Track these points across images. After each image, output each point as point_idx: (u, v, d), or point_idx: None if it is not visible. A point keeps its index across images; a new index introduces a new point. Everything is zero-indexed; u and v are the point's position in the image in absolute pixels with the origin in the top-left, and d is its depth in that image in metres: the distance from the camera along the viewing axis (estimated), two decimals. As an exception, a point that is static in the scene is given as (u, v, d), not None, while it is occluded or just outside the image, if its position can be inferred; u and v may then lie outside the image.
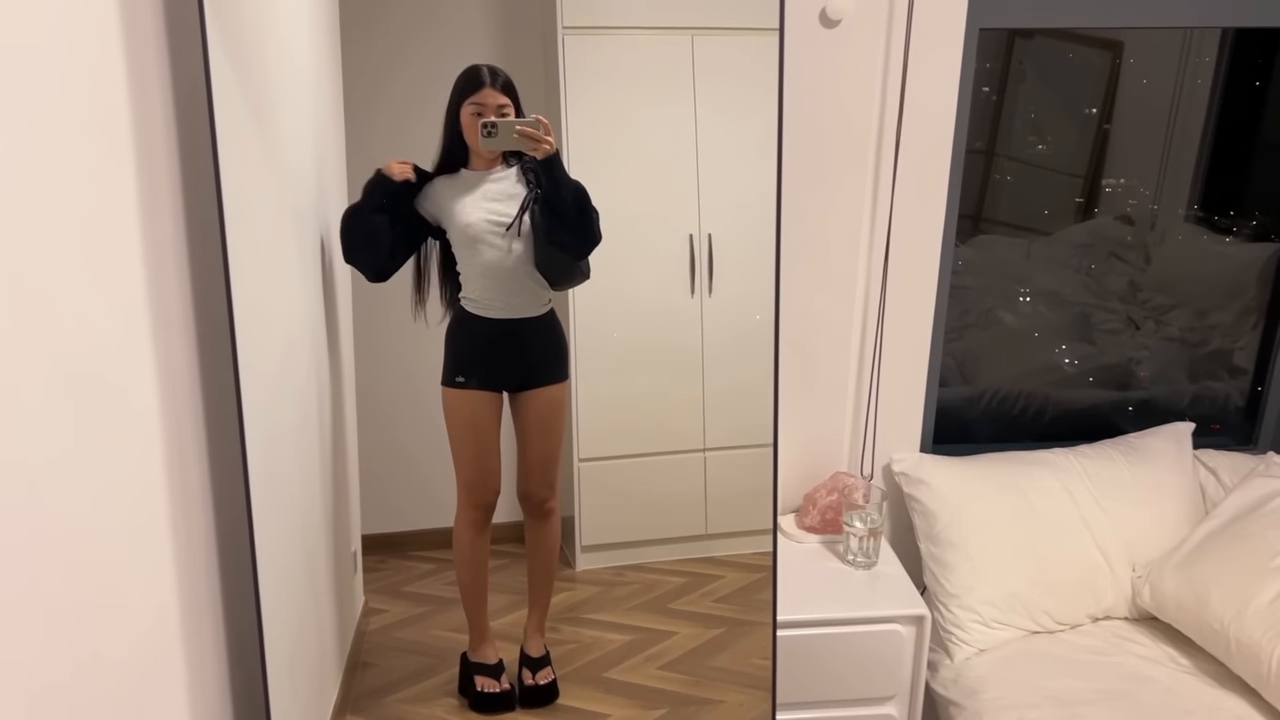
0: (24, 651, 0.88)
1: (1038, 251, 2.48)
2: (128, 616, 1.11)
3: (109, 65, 1.10)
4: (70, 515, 0.97)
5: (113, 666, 1.06)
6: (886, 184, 2.08)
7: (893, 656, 1.94)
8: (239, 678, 1.49)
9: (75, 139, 1.00)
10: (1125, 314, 2.49)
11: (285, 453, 1.55)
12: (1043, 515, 2.09)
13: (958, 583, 2.07)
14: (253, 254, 1.39)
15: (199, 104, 1.26)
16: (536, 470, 1.84)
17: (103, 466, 1.04)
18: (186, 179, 1.33)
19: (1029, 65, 2.30)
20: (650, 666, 1.91)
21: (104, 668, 1.04)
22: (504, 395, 1.81)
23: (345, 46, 1.74)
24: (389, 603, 1.96)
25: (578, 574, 1.98)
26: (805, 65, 1.98)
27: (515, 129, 1.61)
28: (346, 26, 1.73)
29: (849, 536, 2.07)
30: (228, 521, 1.45)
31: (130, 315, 1.13)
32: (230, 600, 1.47)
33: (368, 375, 1.89)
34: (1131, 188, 2.42)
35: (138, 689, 1.13)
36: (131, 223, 1.14)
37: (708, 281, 1.88)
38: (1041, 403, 2.51)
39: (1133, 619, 2.13)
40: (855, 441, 2.28)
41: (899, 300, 2.17)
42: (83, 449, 1.00)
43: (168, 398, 1.23)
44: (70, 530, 0.97)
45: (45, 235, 0.93)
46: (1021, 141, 2.39)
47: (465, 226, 1.70)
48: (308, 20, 1.71)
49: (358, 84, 1.75)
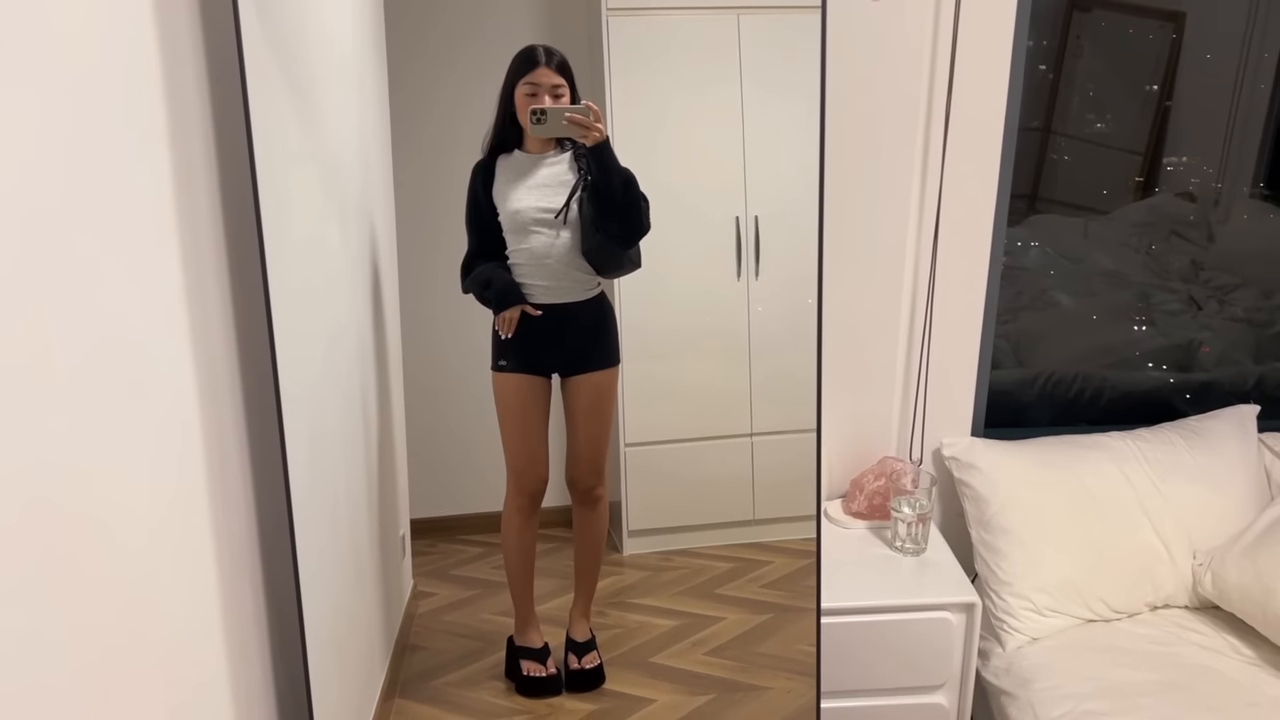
0: (63, 634, 0.89)
1: (1095, 230, 2.41)
2: (168, 599, 1.12)
3: (143, 47, 1.10)
4: (109, 501, 0.98)
5: (153, 647, 1.08)
6: (936, 161, 2.03)
7: (942, 645, 1.91)
8: (281, 661, 1.51)
9: (110, 126, 1.01)
10: (1187, 293, 2.42)
11: (329, 438, 1.56)
12: (1099, 500, 2.05)
13: (1010, 570, 2.03)
14: (292, 241, 1.40)
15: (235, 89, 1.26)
16: (584, 456, 1.84)
17: (141, 452, 1.05)
18: (223, 165, 1.33)
19: (1086, 40, 2.24)
20: (697, 652, 1.91)
21: (144, 650, 1.05)
22: (553, 380, 1.80)
23: (389, 31, 1.75)
24: (438, 586, 1.98)
25: (624, 559, 1.98)
26: (851, 40, 1.93)
27: (565, 115, 1.60)
28: (390, 11, 1.73)
29: (897, 522, 2.04)
30: (268, 506, 1.46)
31: (168, 302, 1.14)
32: (271, 583, 1.49)
33: (418, 360, 1.90)
34: (1194, 165, 2.34)
35: (178, 671, 1.14)
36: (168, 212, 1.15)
37: (754, 265, 1.86)
38: (1099, 385, 2.45)
39: (1193, 608, 2.08)
40: (904, 426, 2.24)
41: (949, 281, 2.12)
42: (119, 435, 1.01)
43: (206, 383, 1.24)
44: (109, 516, 0.98)
45: (79, 223, 0.94)
46: (1079, 119, 2.33)
47: (515, 213, 1.70)
48: (351, 6, 1.71)
49: (401, 68, 1.75)
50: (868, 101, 2.00)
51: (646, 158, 1.67)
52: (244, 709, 1.34)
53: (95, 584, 0.95)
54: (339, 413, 1.61)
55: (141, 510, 1.05)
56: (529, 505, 1.83)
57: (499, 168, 1.71)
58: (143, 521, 1.05)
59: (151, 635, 1.07)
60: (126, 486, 1.02)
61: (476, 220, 1.73)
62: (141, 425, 1.06)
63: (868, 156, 2.03)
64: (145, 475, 1.06)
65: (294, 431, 1.35)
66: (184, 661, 1.16)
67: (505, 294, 1.72)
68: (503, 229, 1.72)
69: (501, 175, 1.71)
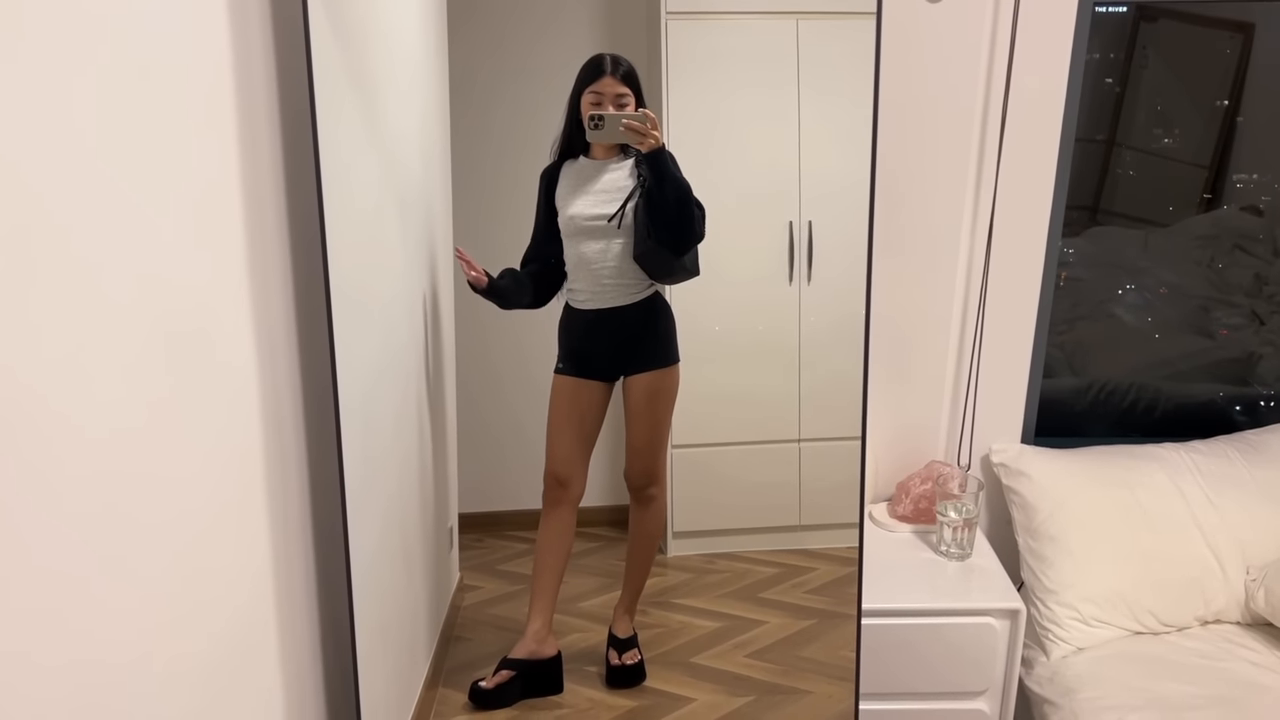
0: (122, 613, 0.92)
1: (1156, 243, 2.37)
2: (225, 583, 1.15)
3: (213, 34, 1.12)
4: (170, 483, 1.01)
5: (209, 631, 1.10)
6: (990, 169, 2.02)
7: (985, 650, 1.90)
8: (330, 644, 1.55)
9: (179, 107, 1.03)
10: (1249, 308, 2.37)
11: (383, 432, 1.59)
12: (1150, 512, 2.02)
13: (1057, 578, 2.01)
14: (352, 234, 1.42)
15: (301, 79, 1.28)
16: (638, 454, 1.86)
17: (200, 436, 1.08)
18: (288, 154, 1.36)
19: (1152, 51, 2.19)
20: (739, 654, 1.91)
21: (200, 633, 1.08)
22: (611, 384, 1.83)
23: (451, 31, 1.77)
24: (484, 579, 2.00)
25: (669, 559, 1.99)
26: (907, 46, 1.92)
27: (621, 123, 1.62)
28: (453, 11, 1.75)
29: (943, 526, 2.03)
30: (322, 498, 1.50)
31: (233, 296, 1.17)
32: (323, 570, 1.52)
33: (471, 357, 1.93)
34: (1262, 180, 2.28)
35: (231, 653, 1.17)
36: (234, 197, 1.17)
37: (807, 270, 1.86)
38: (1153, 396, 2.41)
39: (1245, 624, 2.05)
40: (952, 431, 2.23)
41: (1001, 288, 2.10)
42: (181, 417, 1.03)
43: (266, 371, 1.27)
44: (169, 497, 1.01)
45: (149, 198, 0.96)
46: (1143, 131, 2.29)
47: (571, 218, 1.73)
48: (415, 6, 1.74)
49: (462, 69, 1.77)
50: (923, 106, 1.98)
51: (702, 161, 1.68)
52: (294, 691, 1.38)
53: (151, 572, 0.98)
54: (393, 408, 1.64)
55: (199, 496, 1.08)
56: (562, 501, 1.85)
57: (563, 173, 1.74)
58: (201, 506, 1.08)
59: (207, 623, 1.10)
60: (186, 475, 1.05)
61: (538, 224, 1.77)
62: (204, 417, 1.08)
63: (922, 162, 2.02)
64: (204, 463, 1.09)
65: (350, 425, 1.38)
66: (236, 642, 1.19)
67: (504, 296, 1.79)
68: (562, 235, 1.76)
69: (565, 181, 1.74)
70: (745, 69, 1.78)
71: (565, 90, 1.69)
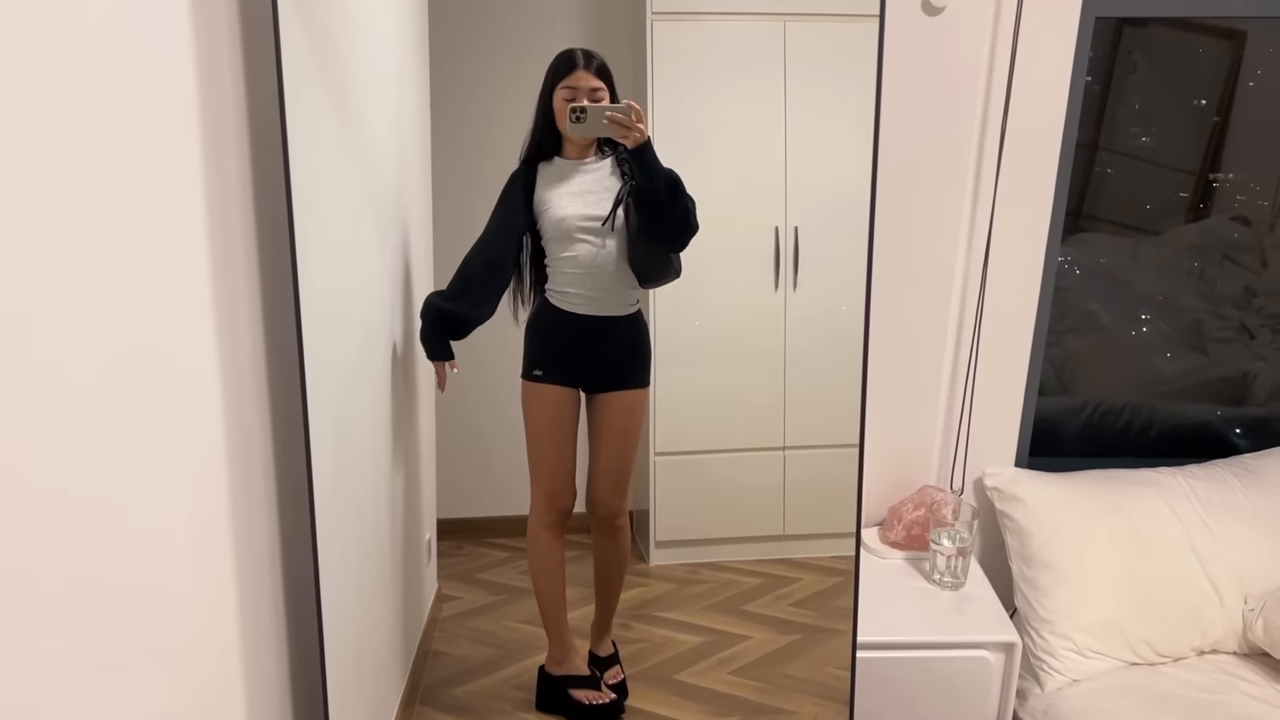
0: (77, 638, 0.88)
1: (1145, 252, 2.35)
2: (184, 600, 1.11)
3: (178, 47, 1.10)
4: (128, 502, 0.98)
5: (166, 648, 1.07)
6: (989, 180, 2.00)
7: (979, 686, 1.85)
8: (299, 666, 1.50)
9: (142, 125, 1.01)
10: (1239, 321, 2.34)
11: (356, 440, 1.55)
12: (1146, 539, 1.99)
13: (1051, 607, 1.97)
14: (325, 243, 1.39)
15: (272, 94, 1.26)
16: (608, 477, 1.79)
17: (165, 451, 1.05)
18: (257, 168, 1.33)
19: (1139, 55, 2.18)
20: (722, 671, 1.87)
21: (158, 652, 1.04)
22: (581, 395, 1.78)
23: (432, 35, 1.76)
24: (463, 590, 1.97)
25: (651, 569, 1.96)
26: (905, 54, 1.91)
27: (605, 115, 1.58)
28: (434, 14, 1.75)
29: (936, 555, 1.99)
30: (290, 509, 1.46)
31: (195, 300, 1.14)
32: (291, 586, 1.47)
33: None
34: (1242, 183, 2.25)
35: (191, 673, 1.13)
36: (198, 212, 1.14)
37: (792, 276, 1.84)
38: (1148, 416, 2.38)
39: (1242, 654, 2.01)
40: (945, 453, 2.19)
41: (998, 305, 2.08)
42: (142, 436, 1.00)
43: (231, 385, 1.23)
44: (128, 516, 0.98)
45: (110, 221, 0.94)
46: (1128, 135, 2.27)
47: (560, 221, 1.67)
48: (394, 6, 1.72)
49: (444, 70, 1.76)
50: (921, 119, 1.97)
51: (688, 165, 1.65)
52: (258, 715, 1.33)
53: (112, 584, 0.95)
54: (366, 416, 1.61)
55: (161, 509, 1.05)
56: (557, 521, 1.80)
57: (540, 175, 1.69)
58: (162, 520, 1.05)
59: (165, 636, 1.06)
60: (148, 486, 1.02)
61: (501, 227, 1.69)
62: (165, 424, 1.05)
63: (918, 173, 2.00)
64: (167, 473, 1.06)
65: (319, 432, 1.35)
66: (197, 665, 1.15)
67: (439, 348, 1.73)
68: (543, 237, 1.70)
69: (544, 182, 1.69)
70: (732, 71, 1.77)
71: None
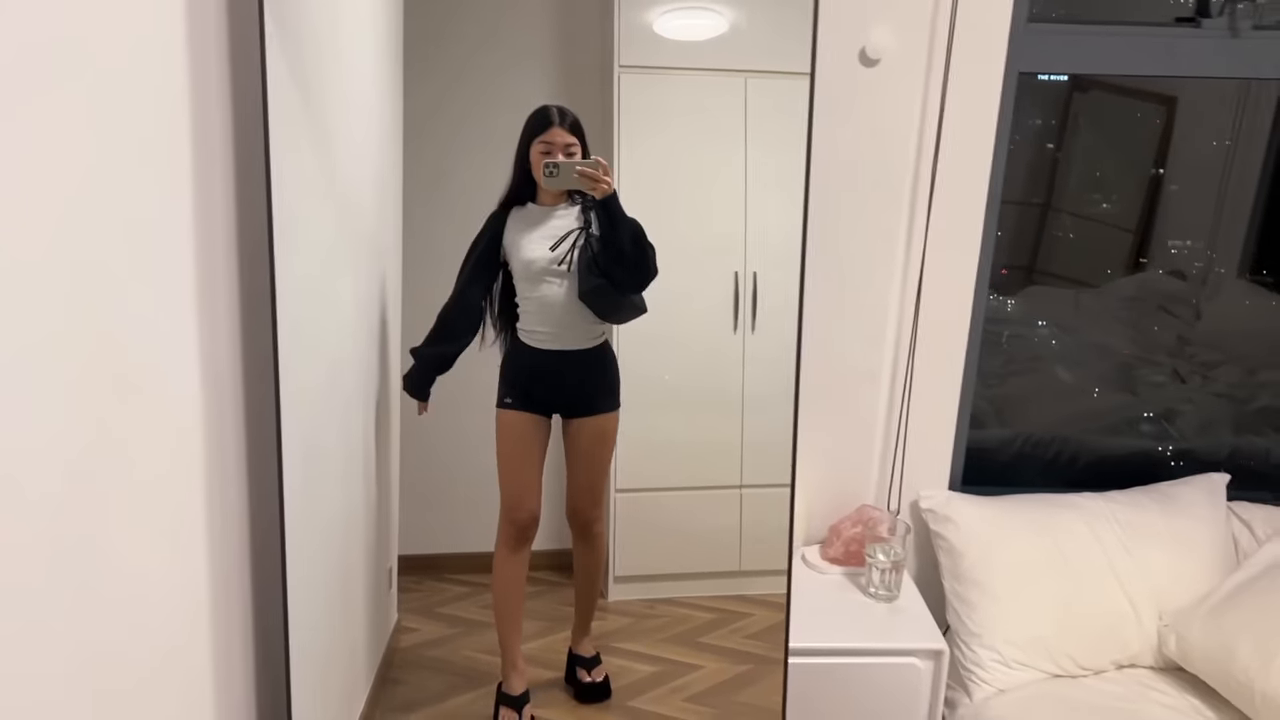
0: (45, 654, 0.89)
1: (1086, 303, 2.49)
2: (156, 616, 1.13)
3: (171, 79, 1.12)
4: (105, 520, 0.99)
5: (138, 665, 1.08)
6: (921, 226, 2.10)
7: (909, 691, 1.93)
8: (264, 682, 1.52)
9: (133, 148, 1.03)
10: (1171, 367, 2.50)
11: (327, 463, 1.58)
12: (1070, 559, 2.09)
13: (980, 621, 2.07)
14: (304, 274, 1.43)
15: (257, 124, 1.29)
16: (582, 492, 1.89)
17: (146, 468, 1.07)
18: (241, 199, 1.36)
19: (1084, 119, 2.32)
20: (676, 698, 1.92)
21: (128, 668, 1.06)
22: (551, 420, 1.85)
23: (406, 81, 1.79)
24: (422, 622, 1.98)
25: (610, 604, 2.00)
26: (843, 105, 2.00)
27: (575, 169, 1.68)
28: (409, 62, 1.77)
29: (871, 569, 2.08)
30: (262, 532, 1.48)
31: (178, 326, 1.16)
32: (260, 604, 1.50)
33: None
34: (1185, 245, 2.41)
35: (163, 688, 1.15)
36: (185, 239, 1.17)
37: (751, 319, 1.90)
38: (1076, 448, 2.51)
39: (1158, 668, 2.11)
40: (883, 476, 2.29)
41: (930, 342, 2.18)
42: (122, 456, 1.02)
43: (211, 408, 1.26)
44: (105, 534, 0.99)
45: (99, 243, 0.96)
46: (1076, 196, 2.41)
47: (528, 263, 1.76)
48: (372, 52, 1.75)
49: (417, 119, 1.79)
50: (858, 164, 2.06)
51: (651, 211, 1.72)
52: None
53: (85, 599, 0.95)
54: (336, 443, 1.63)
55: (137, 525, 1.06)
56: (517, 538, 1.85)
57: (511, 219, 1.78)
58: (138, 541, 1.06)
59: (136, 652, 1.08)
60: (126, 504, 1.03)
61: (477, 266, 1.78)
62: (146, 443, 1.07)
63: (855, 217, 2.09)
64: (146, 491, 1.07)
65: (291, 456, 1.38)
66: (168, 680, 1.17)
67: (423, 389, 1.82)
68: (514, 277, 1.78)
69: (514, 226, 1.77)
70: (695, 123, 1.83)
71: (518, 138, 1.73)
